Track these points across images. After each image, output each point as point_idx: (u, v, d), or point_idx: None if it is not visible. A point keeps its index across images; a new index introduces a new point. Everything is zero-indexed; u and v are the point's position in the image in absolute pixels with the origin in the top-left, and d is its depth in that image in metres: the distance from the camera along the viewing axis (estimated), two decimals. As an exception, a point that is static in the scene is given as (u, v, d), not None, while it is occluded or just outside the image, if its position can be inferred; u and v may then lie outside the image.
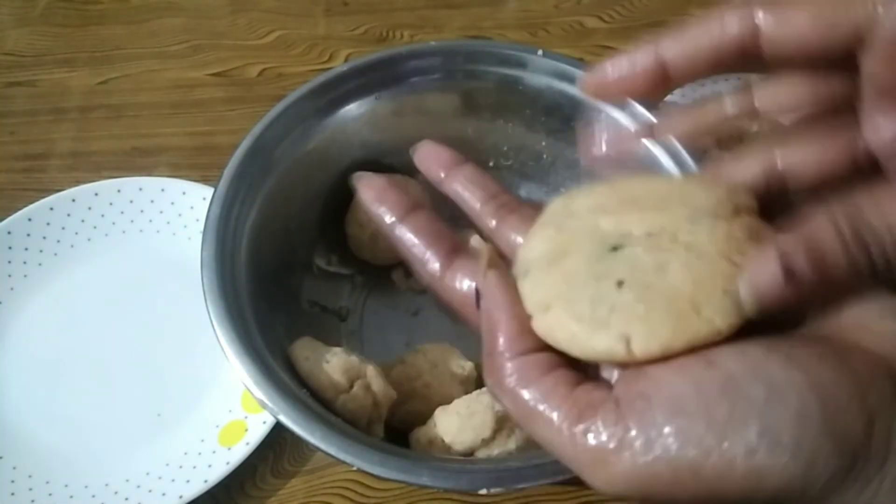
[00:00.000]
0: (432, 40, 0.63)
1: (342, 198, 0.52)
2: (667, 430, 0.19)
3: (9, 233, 0.55)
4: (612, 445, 0.20)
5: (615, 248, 0.23)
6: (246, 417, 0.48)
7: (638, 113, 0.46)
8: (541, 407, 0.21)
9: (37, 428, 0.48)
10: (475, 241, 0.51)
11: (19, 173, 0.62)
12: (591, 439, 0.20)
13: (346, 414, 0.41)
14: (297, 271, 0.51)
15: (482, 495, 0.35)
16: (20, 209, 0.56)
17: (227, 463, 0.46)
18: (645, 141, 0.28)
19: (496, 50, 0.51)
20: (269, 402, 0.37)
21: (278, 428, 0.45)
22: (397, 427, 0.45)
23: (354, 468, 0.35)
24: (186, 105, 0.67)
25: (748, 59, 0.23)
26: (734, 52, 0.23)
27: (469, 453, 0.41)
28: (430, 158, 0.30)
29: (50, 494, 0.45)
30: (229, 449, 0.46)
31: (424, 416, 0.43)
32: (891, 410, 0.19)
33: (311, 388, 0.41)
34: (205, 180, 0.58)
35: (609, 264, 0.23)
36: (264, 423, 0.47)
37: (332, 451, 0.36)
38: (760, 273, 0.20)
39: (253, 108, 0.66)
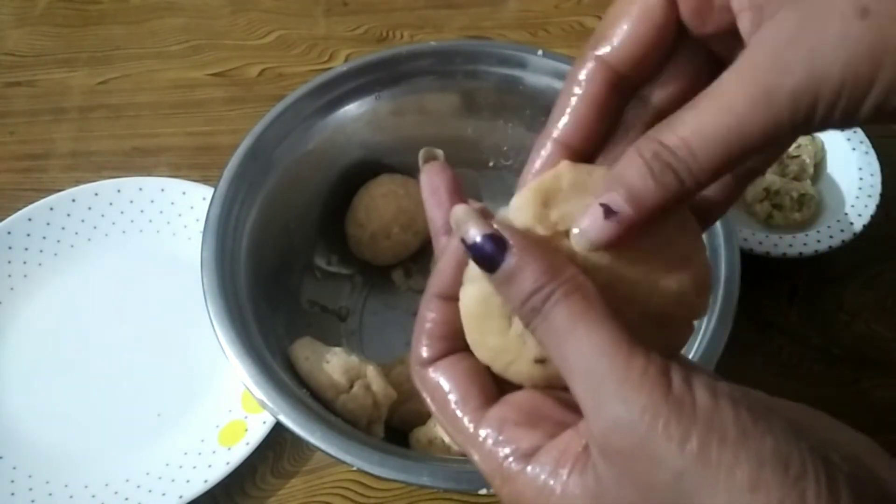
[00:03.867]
0: (432, 40, 0.63)
1: (342, 198, 0.52)
2: None
3: (9, 233, 0.55)
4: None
5: None
6: (246, 417, 0.48)
7: None
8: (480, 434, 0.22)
9: (37, 428, 0.48)
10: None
11: (19, 173, 0.62)
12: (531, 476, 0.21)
13: (346, 414, 0.41)
14: (297, 271, 0.51)
15: (482, 495, 0.35)
16: (20, 209, 0.56)
17: (227, 463, 0.46)
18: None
19: (496, 50, 0.51)
20: (269, 402, 0.37)
21: (278, 428, 0.45)
22: (397, 427, 0.45)
23: (354, 468, 0.35)
24: (186, 105, 0.67)
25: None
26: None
27: (469, 453, 0.41)
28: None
29: (50, 494, 0.45)
30: (229, 449, 0.46)
31: (424, 416, 0.43)
32: None
33: (311, 388, 0.41)
34: (205, 180, 0.58)
35: None
36: (264, 423, 0.47)
37: (332, 451, 0.36)
38: (584, 220, 0.21)
39: (253, 108, 0.66)
